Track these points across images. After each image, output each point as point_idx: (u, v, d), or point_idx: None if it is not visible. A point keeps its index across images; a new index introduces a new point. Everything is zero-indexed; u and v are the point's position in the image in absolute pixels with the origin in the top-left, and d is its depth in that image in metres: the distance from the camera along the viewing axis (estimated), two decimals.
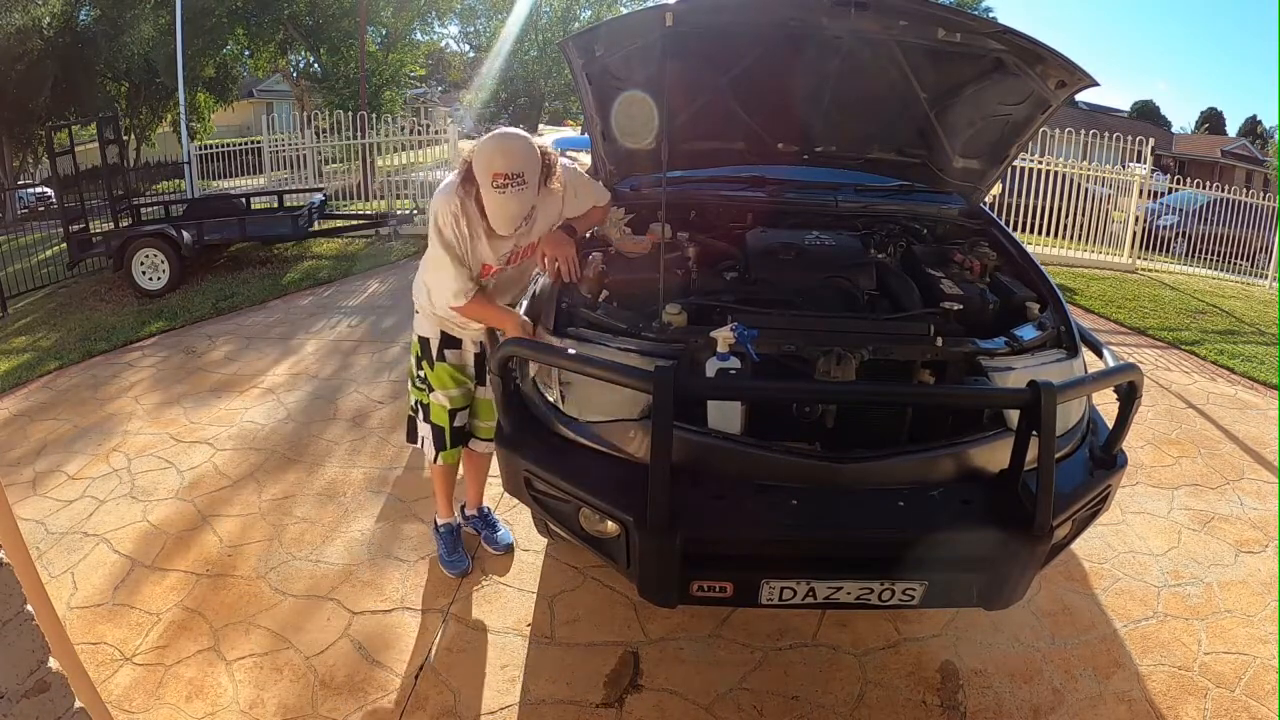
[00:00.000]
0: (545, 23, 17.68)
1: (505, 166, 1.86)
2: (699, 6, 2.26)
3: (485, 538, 2.72)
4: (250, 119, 23.28)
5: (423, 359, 2.35)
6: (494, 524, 2.75)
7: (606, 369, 1.73)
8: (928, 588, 1.73)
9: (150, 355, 4.92)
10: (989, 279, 2.41)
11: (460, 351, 2.34)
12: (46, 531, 2.89)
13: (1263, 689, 2.18)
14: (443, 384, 2.34)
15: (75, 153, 7.69)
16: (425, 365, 2.35)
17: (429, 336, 2.32)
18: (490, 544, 2.70)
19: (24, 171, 17.45)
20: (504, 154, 1.88)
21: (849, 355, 1.84)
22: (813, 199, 2.87)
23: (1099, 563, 2.73)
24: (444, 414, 2.37)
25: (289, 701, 2.08)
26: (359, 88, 13.37)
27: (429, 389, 2.36)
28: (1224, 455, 3.66)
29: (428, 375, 2.35)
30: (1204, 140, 33.77)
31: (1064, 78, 2.22)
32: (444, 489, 2.57)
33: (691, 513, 1.69)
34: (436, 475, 2.56)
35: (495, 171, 1.86)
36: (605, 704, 2.06)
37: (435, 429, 2.39)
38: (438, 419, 2.38)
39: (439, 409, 2.37)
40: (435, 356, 2.32)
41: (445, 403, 2.36)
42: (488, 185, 1.88)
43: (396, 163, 9.97)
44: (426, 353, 2.33)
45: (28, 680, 1.24)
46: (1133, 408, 1.89)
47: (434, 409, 2.38)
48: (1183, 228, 10.82)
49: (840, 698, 2.10)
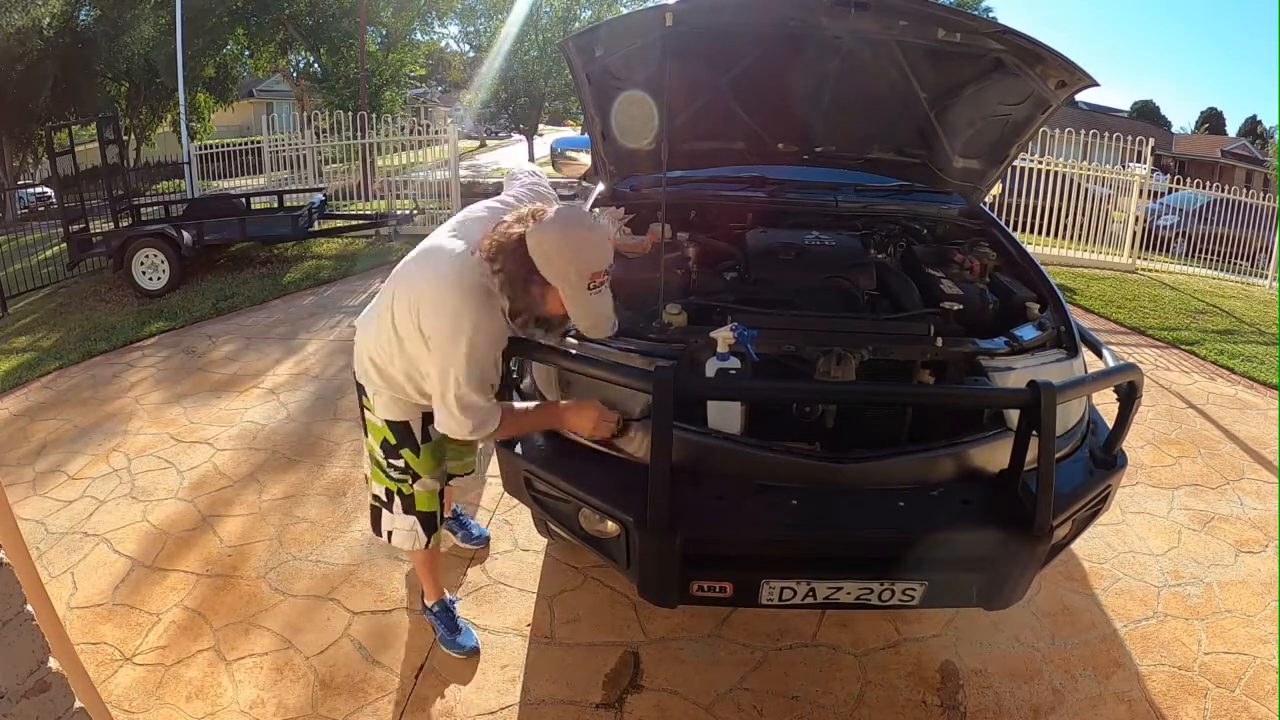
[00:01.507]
0: (545, 23, 17.68)
1: (604, 262, 1.53)
2: (699, 6, 2.26)
3: (462, 537, 2.68)
4: (250, 119, 23.28)
5: (401, 447, 1.95)
6: (465, 521, 2.71)
7: (607, 369, 1.73)
8: (928, 588, 1.73)
9: (150, 355, 4.92)
10: (989, 279, 2.41)
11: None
12: (46, 531, 2.89)
13: (1263, 689, 2.18)
14: (432, 466, 2.01)
15: (75, 153, 7.69)
16: (406, 453, 1.96)
17: (408, 420, 1.93)
18: (468, 541, 2.67)
19: (24, 171, 17.45)
20: (598, 247, 1.54)
21: (849, 355, 1.84)
22: (813, 199, 2.87)
23: (1099, 563, 2.73)
24: (434, 498, 2.05)
25: (289, 701, 2.08)
26: (359, 88, 13.38)
27: (413, 478, 2.00)
28: (1224, 455, 3.65)
29: (411, 463, 1.97)
30: (1204, 140, 33.77)
31: (1064, 78, 2.22)
32: (431, 568, 2.23)
33: (691, 513, 1.69)
34: (422, 561, 2.19)
35: (597, 270, 1.53)
36: (605, 704, 2.06)
37: (424, 516, 2.05)
38: (427, 506, 2.05)
39: (428, 496, 2.04)
40: (421, 439, 1.95)
41: (436, 485, 2.05)
42: (583, 289, 1.53)
43: (396, 163, 9.96)
44: (407, 438, 1.94)
45: (28, 680, 1.25)
46: (1133, 408, 1.89)
47: (421, 498, 2.03)
48: (1183, 228, 10.81)
49: (840, 698, 2.10)
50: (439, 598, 2.28)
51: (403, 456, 1.97)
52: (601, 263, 1.56)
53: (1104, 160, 8.50)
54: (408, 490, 2.02)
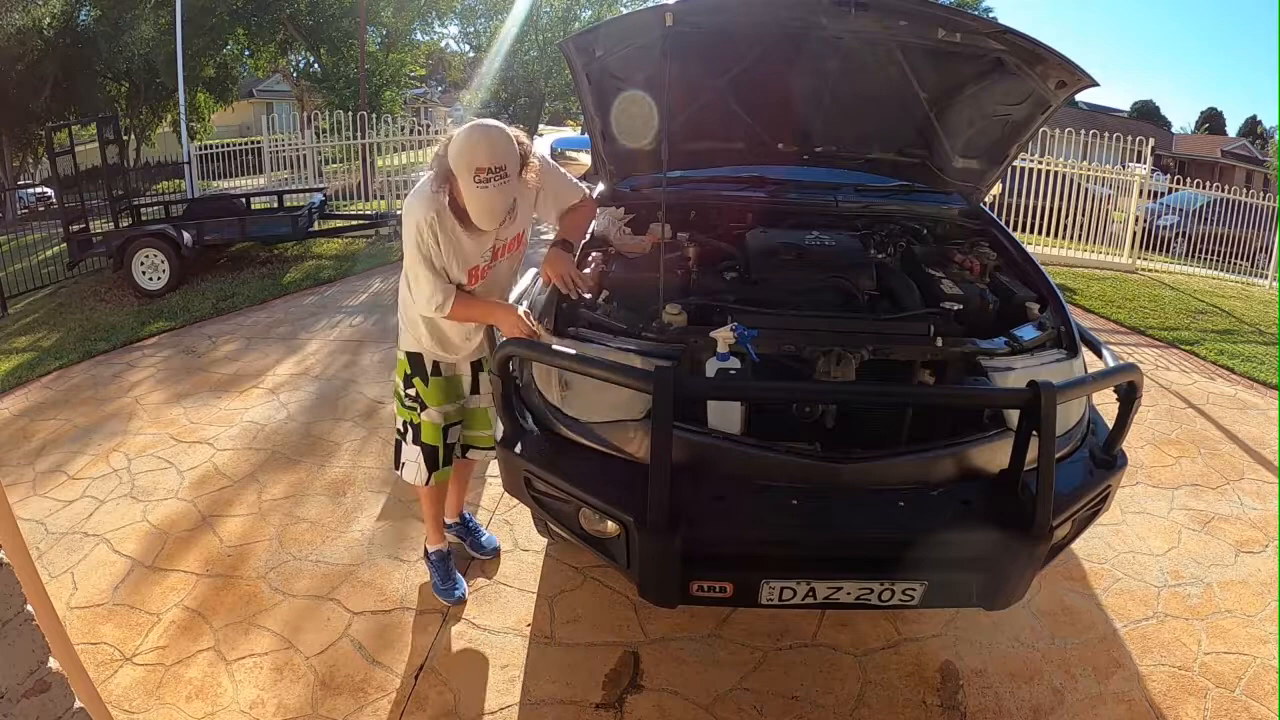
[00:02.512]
0: (545, 23, 17.66)
1: (488, 160, 1.75)
2: (699, 6, 2.26)
3: (470, 544, 2.66)
4: (250, 119, 23.29)
5: (414, 375, 2.21)
6: (476, 529, 2.70)
7: (607, 369, 1.73)
8: (928, 588, 1.73)
9: (150, 355, 4.92)
10: (989, 279, 2.41)
11: (455, 363, 2.24)
12: (46, 531, 2.89)
13: (1263, 689, 2.18)
14: (438, 400, 2.22)
15: (75, 153, 7.70)
16: (418, 381, 2.21)
17: (421, 352, 2.20)
18: (476, 550, 2.65)
19: (24, 171, 17.47)
20: (487, 147, 1.76)
21: (849, 355, 1.84)
22: (813, 199, 2.87)
23: (1099, 563, 2.73)
24: (438, 432, 2.24)
25: (289, 701, 2.08)
26: (359, 88, 13.37)
27: (421, 407, 2.23)
28: (1224, 455, 3.65)
29: (420, 392, 2.21)
30: (1204, 140, 33.77)
31: (1064, 78, 2.22)
32: (435, 512, 2.44)
33: (691, 513, 1.69)
34: (426, 498, 2.39)
35: (479, 166, 1.75)
36: (605, 704, 2.06)
37: (428, 449, 2.25)
38: (431, 438, 2.25)
39: (432, 427, 2.24)
40: (430, 371, 2.20)
41: (439, 419, 2.24)
42: (469, 181, 1.77)
43: (396, 163, 9.97)
44: (419, 368, 2.20)
45: (28, 680, 1.24)
46: (1133, 408, 1.89)
47: (426, 428, 2.24)
48: (1182, 228, 10.83)
49: (840, 698, 2.10)
50: (439, 545, 2.49)
51: (414, 385, 2.22)
52: (486, 159, 1.76)
53: (1104, 160, 8.51)
54: (416, 420, 2.25)
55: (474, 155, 1.76)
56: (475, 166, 1.76)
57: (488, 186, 1.77)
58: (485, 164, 1.76)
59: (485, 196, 1.79)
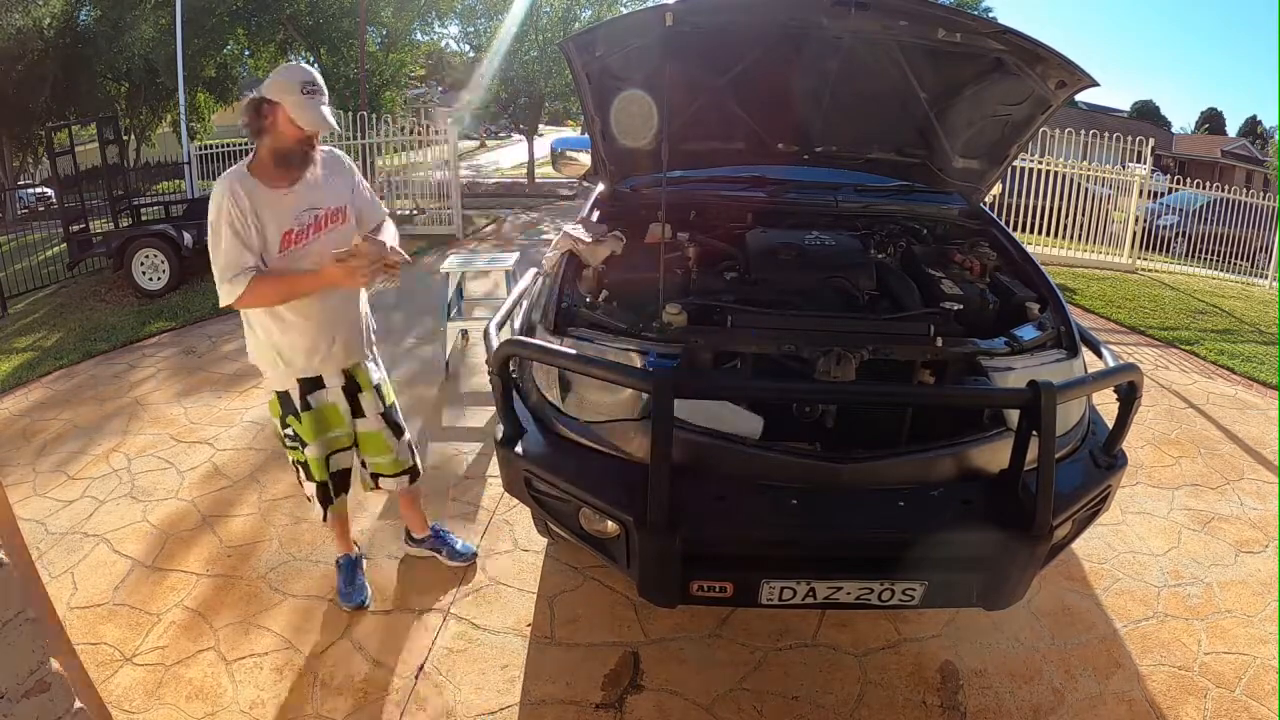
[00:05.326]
0: (545, 23, 17.64)
1: (312, 76, 1.94)
2: (699, 6, 2.26)
3: (446, 554, 2.60)
4: None
5: (286, 414, 2.18)
6: (447, 538, 2.64)
7: (606, 369, 1.73)
8: (928, 588, 1.73)
9: (150, 355, 4.92)
10: (989, 279, 2.41)
11: (324, 392, 2.18)
12: (46, 531, 2.89)
13: (1263, 689, 2.18)
14: (313, 434, 2.18)
15: (75, 153, 7.71)
16: (292, 420, 2.18)
17: (286, 389, 2.15)
18: (452, 558, 2.60)
19: (24, 172, 17.49)
20: (304, 69, 1.95)
21: (849, 355, 1.84)
22: (813, 199, 2.87)
23: (1099, 563, 2.73)
24: (321, 467, 2.23)
25: (289, 701, 2.08)
26: (359, 88, 13.39)
27: (302, 445, 2.20)
28: (1224, 455, 3.66)
29: (296, 429, 2.18)
30: (1204, 140, 33.79)
31: (1064, 78, 2.22)
32: (342, 531, 2.46)
33: (691, 513, 1.69)
34: (331, 524, 2.42)
35: (304, 80, 1.91)
36: (605, 704, 2.06)
37: (319, 486, 2.26)
38: (318, 474, 2.24)
39: (316, 463, 2.22)
40: (300, 407, 2.16)
41: (320, 452, 2.22)
42: (298, 95, 1.90)
43: (396, 163, 9.97)
44: (289, 405, 2.16)
45: (28, 680, 1.25)
46: (1133, 408, 1.89)
47: (312, 465, 2.23)
48: (1183, 228, 10.83)
49: (840, 698, 2.10)
50: (346, 552, 2.50)
51: (289, 424, 2.20)
52: (310, 75, 1.94)
53: (1104, 160, 8.51)
54: (300, 458, 2.25)
55: (298, 73, 1.93)
56: (302, 80, 1.92)
57: (314, 96, 1.92)
58: (310, 78, 1.93)
59: (314, 104, 1.92)
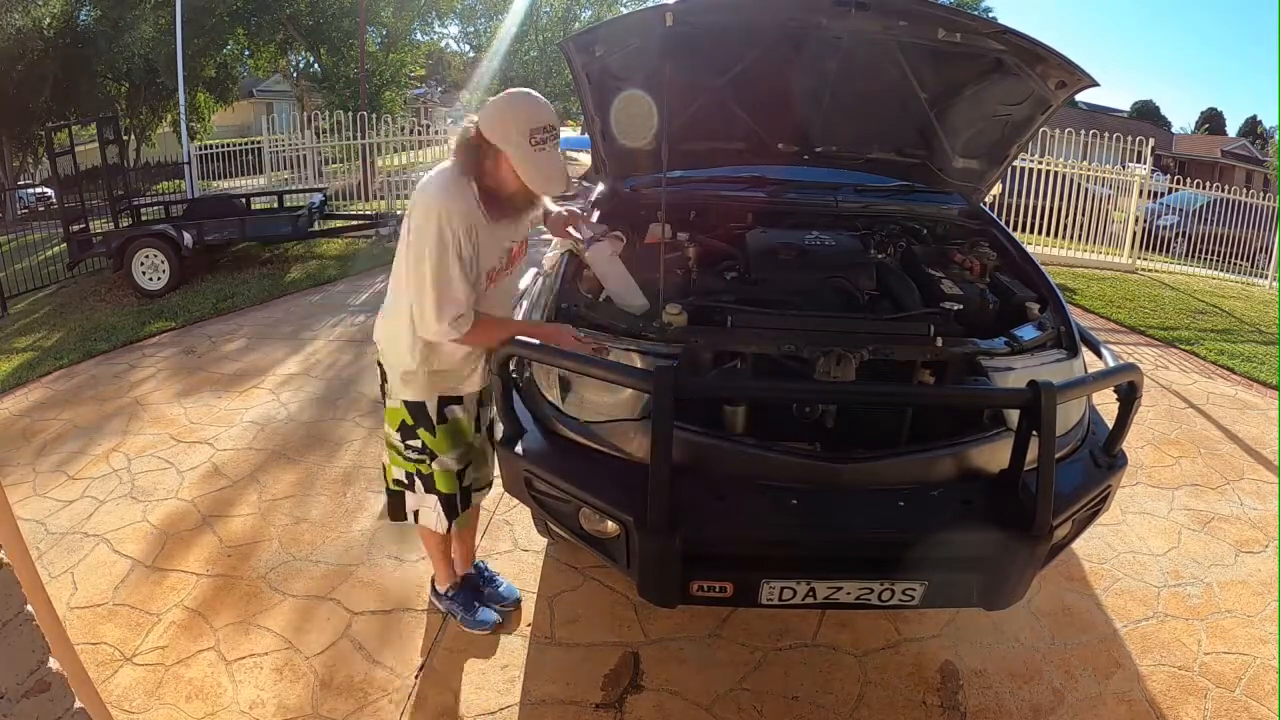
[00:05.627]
0: (545, 23, 17.68)
1: (546, 118, 1.64)
2: (699, 6, 2.26)
3: (488, 594, 2.39)
4: (250, 119, 23.27)
5: (417, 427, 1.98)
6: (494, 579, 2.46)
7: (607, 369, 1.73)
8: (928, 588, 1.73)
9: (150, 355, 4.92)
10: (989, 279, 2.41)
11: (459, 406, 2.01)
12: (46, 531, 2.89)
13: (1263, 689, 2.18)
14: (447, 447, 2.01)
15: (75, 153, 7.70)
16: (423, 433, 1.98)
17: (423, 400, 1.95)
18: (495, 600, 2.38)
19: (24, 171, 17.47)
20: (536, 105, 1.65)
21: (849, 355, 1.84)
22: (813, 199, 2.87)
23: (1099, 563, 2.73)
24: (452, 479, 2.04)
25: (289, 701, 2.08)
26: (359, 88, 13.39)
27: (430, 457, 2.01)
28: (1224, 455, 3.65)
29: (427, 443, 1.99)
30: (1204, 140, 33.77)
31: (1064, 78, 2.22)
32: (445, 556, 2.28)
33: (691, 513, 1.69)
34: (436, 544, 2.22)
35: (534, 127, 1.62)
36: (605, 704, 2.06)
37: (445, 498, 2.05)
38: (446, 487, 2.04)
39: (446, 475, 2.03)
40: (436, 420, 1.97)
41: (454, 465, 2.03)
42: (524, 146, 1.63)
43: (396, 163, 9.97)
44: (422, 418, 1.97)
45: (28, 680, 1.24)
46: (1133, 408, 1.89)
47: (440, 477, 2.03)
48: (1183, 228, 10.83)
49: (840, 698, 2.10)
50: (453, 580, 2.33)
51: (419, 436, 2.00)
52: (540, 119, 1.65)
53: (1104, 160, 8.51)
54: (426, 470, 2.04)
55: (530, 116, 1.64)
56: (531, 128, 1.63)
57: (544, 147, 1.65)
58: (542, 122, 1.64)
59: (545, 160, 1.66)
